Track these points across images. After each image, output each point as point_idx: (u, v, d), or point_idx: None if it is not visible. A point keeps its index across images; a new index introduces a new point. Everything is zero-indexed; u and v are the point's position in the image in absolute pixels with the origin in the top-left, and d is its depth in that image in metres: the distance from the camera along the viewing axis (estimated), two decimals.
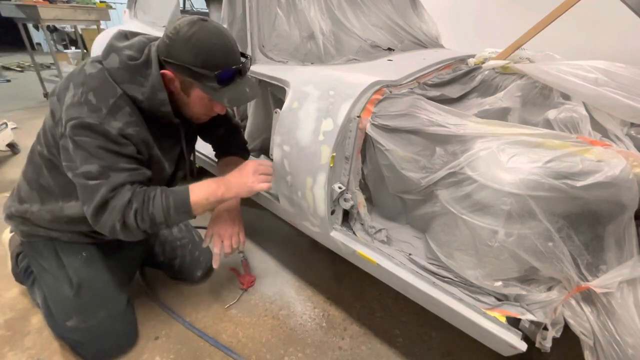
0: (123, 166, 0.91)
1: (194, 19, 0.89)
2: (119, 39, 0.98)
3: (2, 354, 1.14)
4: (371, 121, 0.97)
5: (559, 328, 0.78)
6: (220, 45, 0.90)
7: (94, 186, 0.89)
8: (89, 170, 0.88)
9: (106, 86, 0.91)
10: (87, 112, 0.87)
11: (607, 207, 0.74)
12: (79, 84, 0.91)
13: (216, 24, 0.92)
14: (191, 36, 0.87)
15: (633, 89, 0.88)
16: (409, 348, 1.23)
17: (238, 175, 1.04)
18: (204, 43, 0.88)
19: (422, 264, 0.97)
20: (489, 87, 1.21)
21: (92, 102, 0.88)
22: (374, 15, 1.62)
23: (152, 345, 1.20)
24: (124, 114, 0.91)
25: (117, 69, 0.92)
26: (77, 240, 1.12)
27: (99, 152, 0.88)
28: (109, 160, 0.89)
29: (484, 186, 0.78)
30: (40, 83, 3.84)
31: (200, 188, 1.00)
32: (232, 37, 0.95)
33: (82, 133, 0.87)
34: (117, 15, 5.98)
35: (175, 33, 0.88)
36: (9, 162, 2.46)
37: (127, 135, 0.90)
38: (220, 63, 0.90)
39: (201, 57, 0.88)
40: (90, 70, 0.93)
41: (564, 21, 1.18)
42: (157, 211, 0.93)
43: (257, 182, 1.03)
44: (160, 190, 0.96)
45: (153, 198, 0.93)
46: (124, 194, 0.90)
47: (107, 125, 0.87)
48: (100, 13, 3.93)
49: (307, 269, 1.56)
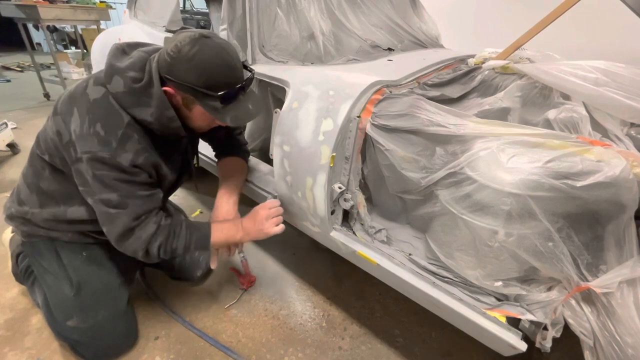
0: (139, 194, 0.96)
1: (195, 36, 0.87)
2: (118, 57, 0.96)
3: (2, 354, 1.14)
4: (371, 121, 0.97)
5: (559, 328, 0.78)
6: (223, 65, 0.89)
7: (116, 215, 0.93)
8: (108, 198, 0.92)
9: (113, 115, 0.91)
10: (97, 145, 0.89)
11: (607, 207, 0.74)
12: (84, 112, 0.91)
13: (218, 41, 0.90)
14: (193, 56, 0.85)
15: (633, 89, 0.88)
16: (409, 348, 1.24)
17: (253, 222, 1.11)
18: (206, 63, 0.86)
19: (422, 264, 0.97)
20: (489, 87, 1.21)
21: (101, 134, 0.89)
22: (374, 15, 1.62)
23: (152, 345, 1.20)
24: (132, 144, 0.92)
25: (122, 93, 0.91)
26: (78, 240, 1.12)
27: (116, 184, 0.92)
28: (126, 190, 0.93)
29: (484, 186, 0.78)
30: (40, 83, 3.84)
31: (221, 230, 1.09)
32: (235, 53, 0.93)
33: (97, 167, 0.90)
34: (117, 15, 5.99)
35: (177, 52, 0.86)
36: (9, 162, 2.46)
37: (138, 165, 0.93)
38: (223, 83, 0.90)
39: (204, 78, 0.87)
40: (94, 95, 0.92)
41: (564, 21, 1.18)
42: (179, 247, 1.01)
43: (271, 227, 1.11)
44: (185, 226, 1.03)
45: (178, 235, 1.01)
46: (149, 226, 0.97)
47: (119, 158, 0.90)
48: (100, 13, 3.93)
49: (307, 269, 1.56)
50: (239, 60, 0.94)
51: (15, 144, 2.56)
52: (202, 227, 1.07)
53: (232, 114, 0.94)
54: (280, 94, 1.25)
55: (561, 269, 0.75)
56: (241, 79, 0.94)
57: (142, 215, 0.96)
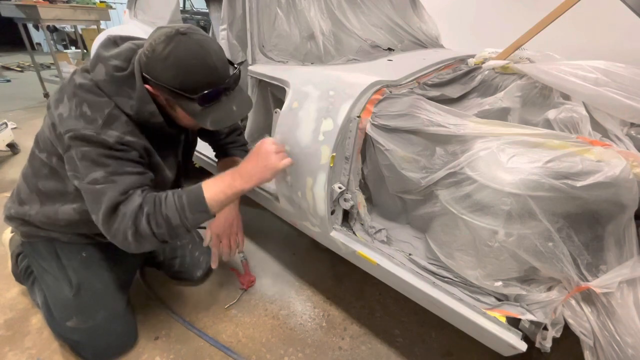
0: (128, 170, 0.89)
1: (171, 33, 0.81)
2: (107, 47, 0.94)
3: (2, 354, 1.14)
4: (371, 121, 0.97)
5: (559, 328, 0.78)
6: (200, 66, 0.82)
7: (100, 190, 0.86)
8: (94, 177, 0.86)
9: (99, 97, 0.89)
10: (83, 124, 0.85)
11: (607, 207, 0.74)
12: (71, 95, 0.89)
13: (197, 37, 0.83)
14: (167, 55, 0.80)
15: (633, 89, 0.88)
16: (409, 348, 1.23)
17: (256, 160, 0.96)
18: (181, 63, 0.81)
19: (422, 264, 0.97)
20: (489, 87, 1.21)
21: (87, 113, 0.86)
22: (374, 15, 1.62)
23: (152, 345, 1.20)
24: (120, 124, 0.89)
25: (103, 81, 0.89)
26: (77, 241, 1.12)
27: (102, 160, 0.86)
28: (113, 166, 0.87)
29: (484, 186, 0.78)
30: (40, 83, 3.84)
31: (214, 183, 0.94)
32: (217, 50, 0.87)
33: (80, 144, 0.86)
34: (117, 15, 5.99)
35: (152, 51, 0.82)
36: (9, 162, 2.46)
37: (126, 142, 0.88)
38: (201, 85, 0.84)
39: (179, 79, 0.82)
40: (80, 80, 0.90)
41: (564, 21, 1.18)
42: (171, 213, 0.88)
43: (279, 160, 0.96)
44: (172, 191, 0.92)
45: (165, 199, 0.89)
46: (134, 199, 0.87)
47: (104, 135, 0.85)
48: (100, 13, 3.93)
49: (307, 269, 1.56)
50: (221, 59, 0.88)
51: (15, 144, 2.56)
52: (192, 188, 0.93)
53: (213, 117, 0.89)
54: (280, 94, 1.25)
55: (561, 269, 0.75)
56: (223, 79, 0.87)
57: (129, 190, 0.87)
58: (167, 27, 0.84)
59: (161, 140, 1.01)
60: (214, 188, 0.93)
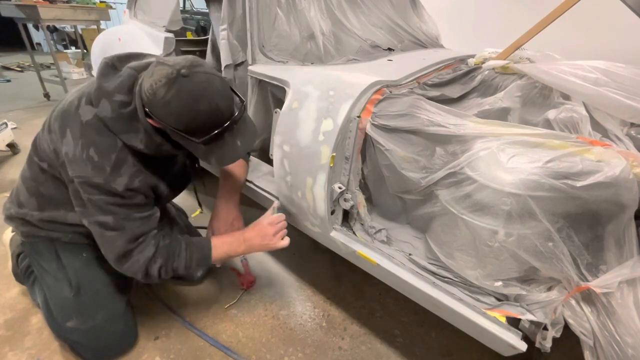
0: (136, 216, 0.94)
1: (172, 75, 0.77)
2: (107, 76, 0.91)
3: (2, 354, 1.14)
4: (371, 121, 0.97)
5: (559, 328, 0.78)
6: (204, 110, 0.80)
7: (112, 237, 0.93)
8: (104, 221, 0.91)
9: (105, 139, 0.89)
10: (91, 171, 0.87)
11: (607, 207, 0.74)
12: (77, 134, 0.88)
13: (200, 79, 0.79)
14: (169, 101, 0.78)
15: (633, 89, 0.88)
16: (409, 348, 1.23)
17: (259, 238, 1.10)
18: (184, 109, 0.79)
19: (422, 264, 0.97)
20: (489, 87, 1.21)
21: (95, 159, 0.87)
22: (374, 15, 1.62)
23: (152, 345, 1.20)
24: (127, 167, 0.90)
25: (110, 119, 0.88)
26: (78, 241, 1.12)
27: (111, 208, 0.91)
28: (122, 213, 0.92)
29: (484, 186, 0.78)
30: (40, 83, 3.84)
31: (222, 246, 1.08)
32: (221, 90, 0.82)
33: (90, 191, 0.89)
34: (117, 15, 5.99)
35: (153, 94, 0.79)
36: (9, 162, 2.46)
37: (133, 189, 0.91)
38: (204, 128, 0.82)
39: (182, 123, 0.81)
40: (86, 116, 0.89)
41: (564, 21, 1.18)
42: (180, 266, 1.01)
43: (279, 241, 1.11)
44: (184, 245, 1.03)
45: (178, 256, 1.01)
46: (148, 249, 0.96)
47: (113, 183, 0.88)
48: (100, 13, 3.93)
49: (307, 269, 1.56)
50: (225, 97, 0.84)
51: (15, 144, 2.56)
52: (203, 246, 1.06)
53: (217, 155, 0.89)
54: (280, 94, 1.25)
55: (561, 269, 0.75)
56: (227, 119, 0.85)
57: (140, 237, 0.95)
58: (168, 65, 0.79)
59: (167, 164, 1.04)
60: (221, 251, 1.07)
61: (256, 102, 1.40)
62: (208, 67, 0.84)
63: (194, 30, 5.03)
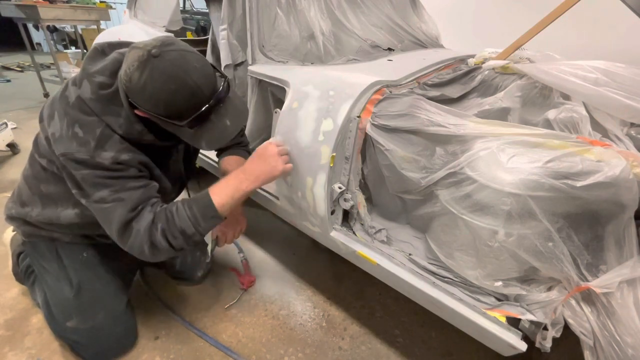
0: (132, 185, 0.89)
1: (143, 57, 0.74)
2: (93, 59, 0.89)
3: (2, 354, 1.14)
4: (371, 121, 0.97)
5: (559, 328, 0.78)
6: (181, 90, 0.76)
7: (110, 208, 0.87)
8: (101, 196, 0.87)
9: (89, 117, 0.86)
10: (76, 146, 0.84)
11: (607, 207, 0.74)
12: (62, 114, 0.87)
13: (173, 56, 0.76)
14: (144, 85, 0.76)
15: (633, 89, 0.88)
16: (409, 348, 1.24)
17: (259, 162, 0.99)
18: (160, 91, 0.76)
19: (422, 264, 0.97)
20: (489, 87, 1.21)
21: (79, 135, 0.84)
22: (374, 15, 1.62)
23: (152, 345, 1.20)
24: (113, 142, 0.86)
25: (89, 99, 0.86)
26: (79, 241, 1.12)
27: (102, 181, 0.86)
28: (116, 185, 0.87)
29: (484, 186, 0.78)
30: (40, 83, 3.84)
31: (221, 188, 0.95)
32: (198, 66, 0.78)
33: (77, 167, 0.85)
34: (117, 15, 5.99)
35: (128, 80, 0.77)
36: (9, 162, 2.46)
37: (122, 162, 0.87)
38: (187, 109, 0.79)
39: (162, 107, 0.78)
40: (71, 97, 0.88)
41: (564, 21, 1.18)
42: (185, 224, 0.89)
43: (282, 163, 0.99)
44: (180, 202, 0.93)
45: (176, 212, 0.90)
46: (145, 215, 0.88)
47: (99, 158, 0.84)
48: (100, 13, 3.93)
49: (307, 269, 1.56)
50: (204, 74, 0.80)
51: (15, 144, 2.56)
52: (200, 195, 0.95)
53: (207, 137, 0.85)
54: (280, 94, 1.24)
55: (561, 269, 0.75)
56: (209, 97, 0.81)
57: (139, 205, 0.89)
58: (139, 47, 0.77)
59: (158, 153, 0.99)
60: (222, 193, 0.94)
61: (256, 102, 1.40)
62: (182, 44, 0.80)
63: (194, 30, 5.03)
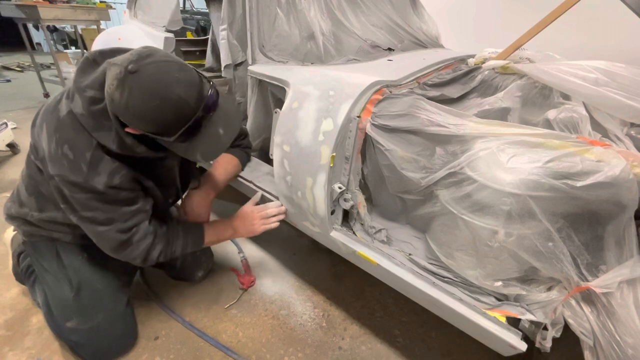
0: (124, 210, 0.92)
1: (121, 75, 0.72)
2: (84, 71, 0.86)
3: (2, 354, 1.14)
4: (371, 121, 0.97)
5: (559, 328, 0.78)
6: (165, 106, 0.73)
7: (104, 232, 0.92)
8: (93, 216, 0.89)
9: (79, 136, 0.84)
10: (67, 169, 0.83)
11: (607, 207, 0.74)
12: (51, 130, 0.85)
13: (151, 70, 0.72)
14: (127, 105, 0.73)
15: (633, 89, 0.88)
16: (409, 348, 1.23)
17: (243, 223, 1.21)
18: (143, 110, 0.73)
19: (422, 264, 0.97)
20: (489, 87, 1.21)
21: (70, 157, 0.83)
22: (374, 15, 1.62)
23: (152, 345, 1.20)
24: (105, 164, 0.85)
25: (81, 115, 0.83)
26: (79, 241, 1.11)
27: (96, 204, 0.88)
28: (108, 209, 0.89)
29: (484, 186, 0.78)
30: (40, 83, 3.84)
31: (214, 231, 1.17)
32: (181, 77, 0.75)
33: (71, 189, 0.85)
34: (117, 15, 5.99)
35: (110, 100, 0.76)
36: (9, 162, 2.46)
37: (115, 186, 0.87)
38: (173, 123, 0.76)
39: (149, 125, 0.76)
40: (63, 112, 0.86)
41: (564, 21, 1.18)
42: (177, 250, 1.07)
43: (260, 226, 1.21)
44: (181, 232, 1.09)
45: (174, 241, 1.06)
46: (146, 236, 0.98)
47: (92, 182, 0.84)
48: (100, 13, 3.93)
49: (307, 269, 1.56)
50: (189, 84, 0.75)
51: (15, 144, 2.56)
52: (196, 231, 1.13)
53: (201, 149, 0.83)
54: (280, 94, 1.25)
55: (561, 269, 0.75)
56: (196, 108, 0.77)
57: (133, 228, 0.94)
58: (116, 64, 0.74)
59: (152, 165, 0.99)
60: (213, 236, 1.17)
61: (256, 102, 1.41)
62: (161, 54, 0.76)
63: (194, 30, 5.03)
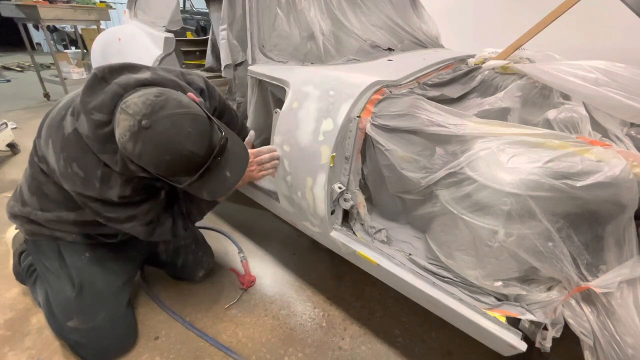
0: (142, 208, 0.98)
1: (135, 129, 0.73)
2: (92, 90, 0.84)
3: (2, 354, 1.14)
4: (371, 121, 0.97)
5: (558, 328, 0.78)
6: (176, 160, 0.76)
7: (130, 228, 1.00)
8: (116, 216, 0.96)
9: (87, 155, 0.87)
10: (80, 186, 0.88)
11: (606, 207, 0.74)
12: (58, 148, 0.88)
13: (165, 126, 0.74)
14: (140, 155, 0.76)
15: (633, 89, 0.88)
16: (409, 348, 1.23)
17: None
18: (156, 162, 0.77)
19: (422, 264, 0.97)
20: (489, 87, 1.21)
21: (80, 175, 0.87)
22: (374, 15, 1.62)
23: (152, 345, 1.20)
24: (115, 178, 0.89)
25: (87, 137, 0.85)
26: (81, 240, 1.12)
27: (114, 209, 0.94)
28: (128, 211, 0.96)
29: (484, 186, 0.78)
30: (40, 83, 3.84)
31: None
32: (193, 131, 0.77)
33: (88, 200, 0.91)
34: (117, 15, 5.99)
35: (123, 148, 0.78)
36: (9, 162, 2.46)
37: (128, 196, 0.93)
38: (185, 172, 0.80)
39: (161, 172, 0.80)
40: (68, 129, 0.88)
41: (564, 21, 1.18)
42: (199, 218, 1.16)
43: (257, 172, 1.14)
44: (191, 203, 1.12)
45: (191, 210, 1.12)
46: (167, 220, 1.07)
47: (106, 195, 0.90)
48: (100, 13, 3.93)
49: (307, 269, 1.56)
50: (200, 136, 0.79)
51: (15, 144, 2.56)
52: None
53: (208, 189, 0.87)
54: (280, 94, 1.25)
55: (561, 269, 0.75)
56: (206, 158, 0.80)
57: (152, 220, 1.02)
58: (128, 114, 0.74)
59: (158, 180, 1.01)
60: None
61: (256, 102, 1.40)
62: (174, 104, 0.77)
63: (194, 30, 5.03)
